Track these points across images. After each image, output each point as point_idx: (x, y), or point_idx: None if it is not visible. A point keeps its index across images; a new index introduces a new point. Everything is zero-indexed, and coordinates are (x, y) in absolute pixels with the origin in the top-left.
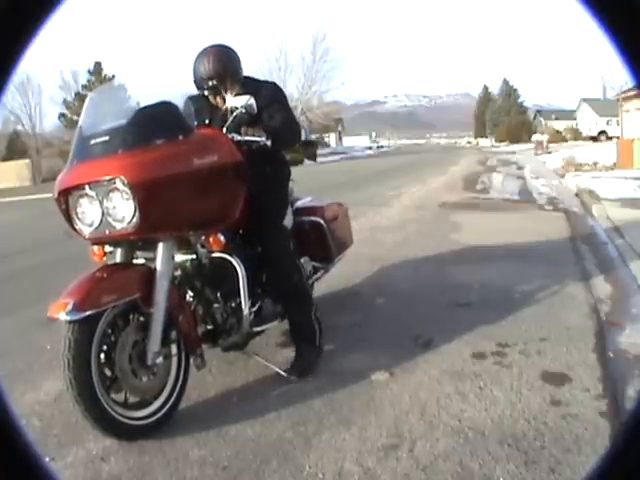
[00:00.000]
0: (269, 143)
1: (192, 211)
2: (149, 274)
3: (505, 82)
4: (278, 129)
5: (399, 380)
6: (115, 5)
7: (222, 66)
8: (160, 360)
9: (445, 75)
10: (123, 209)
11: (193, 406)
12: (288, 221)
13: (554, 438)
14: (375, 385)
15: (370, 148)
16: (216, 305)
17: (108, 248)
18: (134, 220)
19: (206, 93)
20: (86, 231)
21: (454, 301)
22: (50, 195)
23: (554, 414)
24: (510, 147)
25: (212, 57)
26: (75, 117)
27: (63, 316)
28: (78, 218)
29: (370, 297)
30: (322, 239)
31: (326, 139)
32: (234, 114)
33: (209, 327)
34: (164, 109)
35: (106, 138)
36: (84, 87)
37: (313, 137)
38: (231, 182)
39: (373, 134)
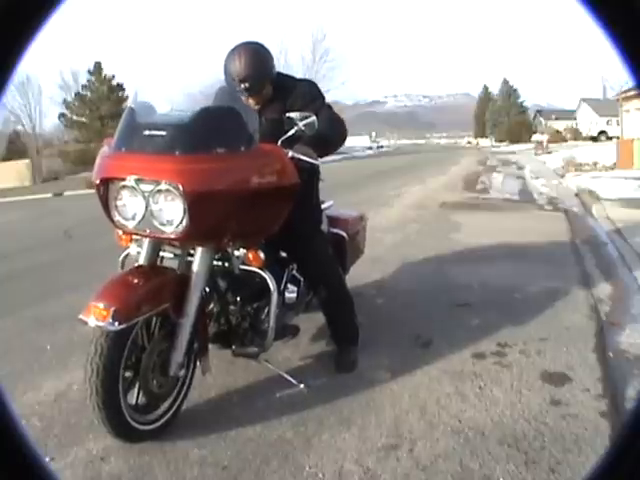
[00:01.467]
0: (319, 163)
1: (239, 225)
2: (181, 281)
3: (505, 82)
4: (326, 133)
5: (399, 380)
6: (115, 5)
7: (253, 68)
8: (183, 372)
9: (445, 75)
10: (170, 213)
11: (194, 406)
12: (325, 226)
13: (554, 438)
14: (375, 385)
15: (370, 148)
16: (232, 307)
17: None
18: (181, 227)
19: (237, 90)
20: (130, 225)
21: (454, 301)
22: (50, 195)
23: (554, 414)
24: (510, 147)
25: (243, 57)
26: (75, 117)
27: (99, 323)
28: (117, 211)
29: (371, 297)
30: (341, 251)
31: None
32: (294, 129)
33: (223, 328)
34: (228, 114)
35: (163, 133)
36: (84, 87)
37: None
38: (283, 201)
39: (373, 134)
